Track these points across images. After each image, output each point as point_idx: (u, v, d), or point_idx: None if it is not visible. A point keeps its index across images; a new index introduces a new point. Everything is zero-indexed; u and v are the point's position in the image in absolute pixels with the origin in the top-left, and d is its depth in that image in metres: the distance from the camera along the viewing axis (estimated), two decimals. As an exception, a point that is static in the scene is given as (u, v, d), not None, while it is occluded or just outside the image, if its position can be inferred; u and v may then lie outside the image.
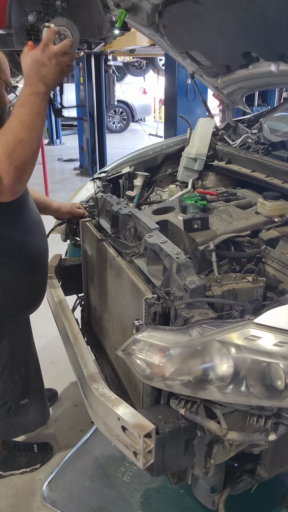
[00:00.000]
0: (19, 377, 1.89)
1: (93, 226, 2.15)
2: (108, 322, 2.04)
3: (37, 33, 4.47)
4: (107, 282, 1.97)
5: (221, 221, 1.83)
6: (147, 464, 1.22)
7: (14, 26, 4.31)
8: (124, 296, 1.75)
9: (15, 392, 1.89)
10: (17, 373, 1.88)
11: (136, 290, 1.58)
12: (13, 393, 1.89)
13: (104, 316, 2.10)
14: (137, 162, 2.62)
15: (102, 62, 7.70)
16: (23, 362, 1.92)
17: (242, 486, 1.49)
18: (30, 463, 2.14)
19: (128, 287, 1.67)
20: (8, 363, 1.84)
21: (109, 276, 1.93)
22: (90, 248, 2.20)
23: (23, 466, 2.13)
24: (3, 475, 2.12)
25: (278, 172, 2.00)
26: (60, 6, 4.53)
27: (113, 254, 1.85)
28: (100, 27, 4.88)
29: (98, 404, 1.38)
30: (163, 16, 1.99)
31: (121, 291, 1.78)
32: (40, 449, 2.20)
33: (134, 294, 1.61)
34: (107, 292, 2.00)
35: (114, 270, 1.84)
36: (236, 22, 1.71)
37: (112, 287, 1.91)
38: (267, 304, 1.31)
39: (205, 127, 2.55)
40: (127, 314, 1.71)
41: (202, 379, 1.17)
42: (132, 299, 1.64)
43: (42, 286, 1.91)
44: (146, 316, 1.40)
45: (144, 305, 1.42)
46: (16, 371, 1.88)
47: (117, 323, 1.89)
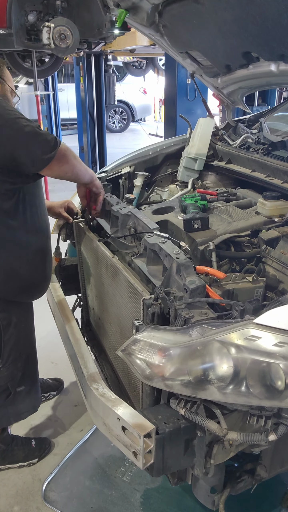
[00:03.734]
0: (21, 364, 1.93)
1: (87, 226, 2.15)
2: (106, 323, 2.04)
3: (37, 33, 4.48)
4: (104, 282, 1.97)
5: (221, 221, 1.82)
6: (147, 464, 1.22)
7: (14, 26, 4.31)
8: (121, 297, 1.75)
9: (16, 379, 1.94)
10: (19, 360, 1.92)
11: (133, 290, 1.58)
12: (14, 380, 1.93)
13: (102, 317, 2.10)
14: (137, 162, 2.62)
15: (102, 62, 7.68)
16: (24, 349, 1.95)
17: (242, 486, 1.48)
18: (28, 457, 2.16)
19: (125, 287, 1.67)
20: (13, 350, 1.88)
21: (105, 277, 1.93)
22: (84, 249, 2.20)
23: (20, 460, 2.15)
24: (1, 468, 2.13)
25: (278, 172, 2.00)
26: (60, 6, 4.54)
27: (108, 255, 1.84)
28: (100, 27, 4.89)
29: (98, 404, 1.38)
30: (163, 16, 1.99)
31: (118, 291, 1.78)
32: (38, 444, 2.21)
33: (132, 294, 1.60)
34: (104, 293, 2.00)
35: (111, 271, 1.83)
36: (236, 22, 1.71)
37: (109, 288, 1.91)
38: (267, 304, 1.31)
39: (205, 127, 2.55)
40: (125, 314, 1.71)
41: (202, 379, 1.17)
42: (129, 300, 1.64)
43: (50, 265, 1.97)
44: (144, 317, 1.40)
45: (142, 306, 1.42)
46: (19, 358, 1.92)
47: (115, 324, 1.89)
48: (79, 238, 2.21)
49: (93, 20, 4.87)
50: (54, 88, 10.64)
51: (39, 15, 4.56)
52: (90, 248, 2.08)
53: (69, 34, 4.36)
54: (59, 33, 4.30)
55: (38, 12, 4.55)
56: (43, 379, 2.60)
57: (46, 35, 4.27)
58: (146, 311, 1.39)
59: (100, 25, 4.86)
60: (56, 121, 10.96)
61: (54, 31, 4.26)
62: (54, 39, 4.29)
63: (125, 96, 12.55)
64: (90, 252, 2.10)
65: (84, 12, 4.77)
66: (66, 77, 12.39)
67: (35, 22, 4.54)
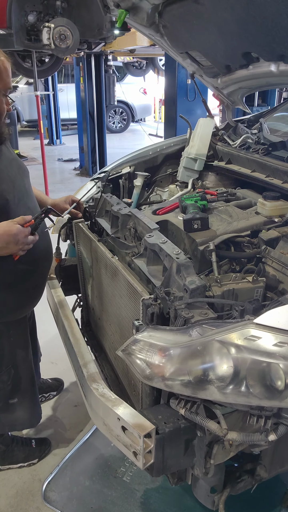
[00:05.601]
0: (8, 378, 1.90)
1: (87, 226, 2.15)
2: (106, 323, 2.04)
3: (37, 33, 4.48)
4: (103, 283, 1.97)
5: (221, 221, 1.82)
6: (147, 464, 1.22)
7: (14, 26, 4.32)
8: (120, 297, 1.74)
9: (3, 392, 1.91)
10: (5, 374, 1.89)
11: (132, 291, 1.58)
12: (1, 392, 1.91)
13: (102, 317, 2.10)
14: (137, 162, 2.62)
15: (102, 62, 7.70)
16: (14, 363, 1.92)
17: (242, 486, 1.48)
18: (28, 458, 2.16)
19: (124, 288, 1.67)
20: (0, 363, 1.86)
21: (105, 277, 1.93)
22: (84, 249, 2.20)
23: (20, 460, 2.14)
24: (1, 468, 2.13)
25: (278, 172, 2.00)
26: (60, 6, 4.54)
27: (108, 255, 1.83)
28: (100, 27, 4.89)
29: (98, 404, 1.38)
30: (163, 16, 1.99)
31: (117, 292, 1.78)
32: (38, 444, 2.21)
33: (131, 295, 1.60)
34: (103, 293, 1.99)
35: (110, 271, 1.83)
36: (236, 22, 1.71)
37: (108, 288, 1.91)
38: (267, 304, 1.31)
39: (205, 127, 2.55)
40: (124, 315, 1.71)
41: (202, 379, 1.17)
42: (128, 300, 1.64)
43: (39, 288, 1.92)
44: (144, 317, 1.40)
45: (142, 306, 1.42)
46: (5, 371, 1.89)
47: (115, 324, 1.89)
48: (79, 238, 2.21)
49: (93, 21, 4.87)
50: (54, 88, 10.67)
51: (39, 15, 4.56)
52: (90, 248, 2.08)
53: (69, 34, 4.37)
54: (59, 33, 4.30)
55: (38, 13, 4.56)
56: (43, 379, 2.59)
57: (46, 36, 4.28)
58: (145, 311, 1.39)
59: (100, 26, 4.87)
60: (56, 121, 11.00)
61: (54, 32, 4.26)
62: (54, 39, 4.30)
63: (125, 96, 12.56)
64: (90, 252, 2.10)
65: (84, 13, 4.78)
66: (66, 77, 12.42)
67: (35, 22, 4.55)
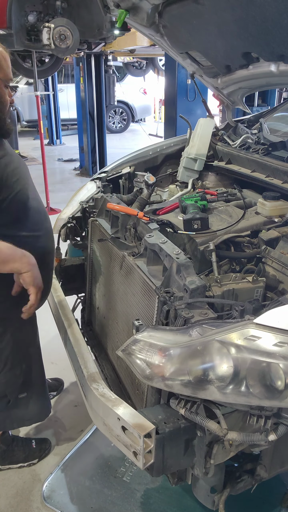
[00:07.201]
0: (20, 372, 1.91)
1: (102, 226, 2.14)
2: (113, 321, 2.04)
3: (37, 33, 4.48)
4: (115, 281, 1.97)
5: (221, 221, 1.83)
6: (147, 464, 1.22)
7: (14, 27, 4.32)
8: (133, 295, 1.75)
9: (15, 386, 1.92)
10: (18, 367, 1.90)
11: (148, 288, 1.58)
12: (13, 387, 1.91)
13: (109, 315, 2.10)
14: (137, 162, 2.62)
15: (102, 62, 7.70)
16: (25, 357, 1.94)
17: (242, 486, 1.48)
18: (28, 458, 2.16)
19: (138, 285, 1.67)
20: (10, 358, 1.87)
21: (117, 275, 1.93)
22: (98, 248, 2.20)
23: (20, 460, 2.14)
24: (1, 468, 2.13)
25: (278, 172, 2.00)
26: (60, 6, 4.54)
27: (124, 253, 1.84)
28: (100, 27, 4.89)
29: (98, 404, 1.38)
30: (163, 16, 1.99)
31: (130, 290, 1.78)
32: (38, 444, 2.21)
33: (145, 292, 1.61)
34: (114, 291, 1.99)
35: (124, 269, 1.83)
36: (236, 22, 1.71)
37: (120, 286, 1.91)
38: (267, 304, 1.31)
39: (205, 127, 2.56)
40: (135, 312, 1.71)
41: (202, 379, 1.17)
42: (142, 298, 1.64)
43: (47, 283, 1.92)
44: (158, 314, 1.41)
45: (157, 303, 1.42)
46: (18, 365, 1.90)
47: (123, 322, 1.89)
48: (93, 237, 2.21)
49: (93, 21, 4.87)
50: (54, 89, 10.67)
51: (39, 15, 4.56)
52: (105, 246, 2.08)
53: (69, 34, 4.37)
54: (59, 33, 4.30)
55: (38, 13, 4.56)
56: (43, 379, 2.60)
57: (46, 36, 4.28)
58: (160, 308, 1.39)
59: (100, 26, 4.87)
60: (56, 121, 10.99)
61: (54, 32, 4.26)
62: (54, 39, 4.30)
63: (125, 96, 12.55)
64: (104, 250, 2.09)
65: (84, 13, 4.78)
66: (66, 77, 12.41)
67: (35, 22, 4.55)
